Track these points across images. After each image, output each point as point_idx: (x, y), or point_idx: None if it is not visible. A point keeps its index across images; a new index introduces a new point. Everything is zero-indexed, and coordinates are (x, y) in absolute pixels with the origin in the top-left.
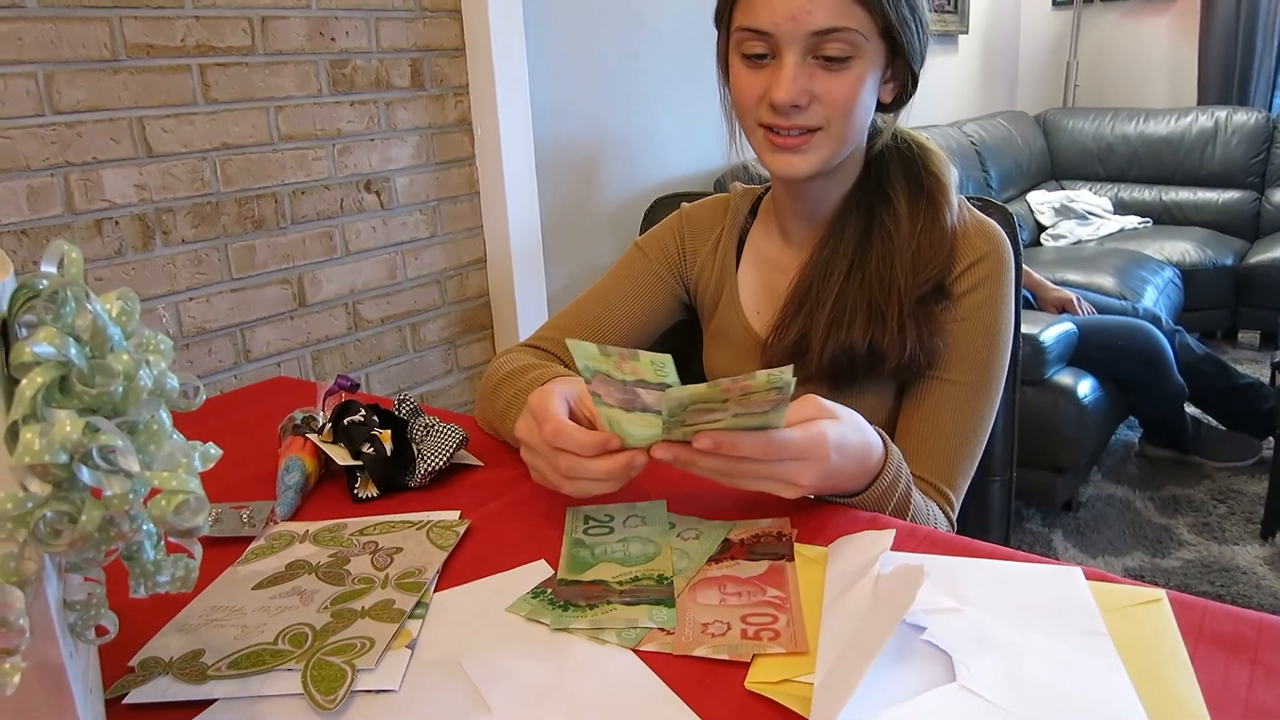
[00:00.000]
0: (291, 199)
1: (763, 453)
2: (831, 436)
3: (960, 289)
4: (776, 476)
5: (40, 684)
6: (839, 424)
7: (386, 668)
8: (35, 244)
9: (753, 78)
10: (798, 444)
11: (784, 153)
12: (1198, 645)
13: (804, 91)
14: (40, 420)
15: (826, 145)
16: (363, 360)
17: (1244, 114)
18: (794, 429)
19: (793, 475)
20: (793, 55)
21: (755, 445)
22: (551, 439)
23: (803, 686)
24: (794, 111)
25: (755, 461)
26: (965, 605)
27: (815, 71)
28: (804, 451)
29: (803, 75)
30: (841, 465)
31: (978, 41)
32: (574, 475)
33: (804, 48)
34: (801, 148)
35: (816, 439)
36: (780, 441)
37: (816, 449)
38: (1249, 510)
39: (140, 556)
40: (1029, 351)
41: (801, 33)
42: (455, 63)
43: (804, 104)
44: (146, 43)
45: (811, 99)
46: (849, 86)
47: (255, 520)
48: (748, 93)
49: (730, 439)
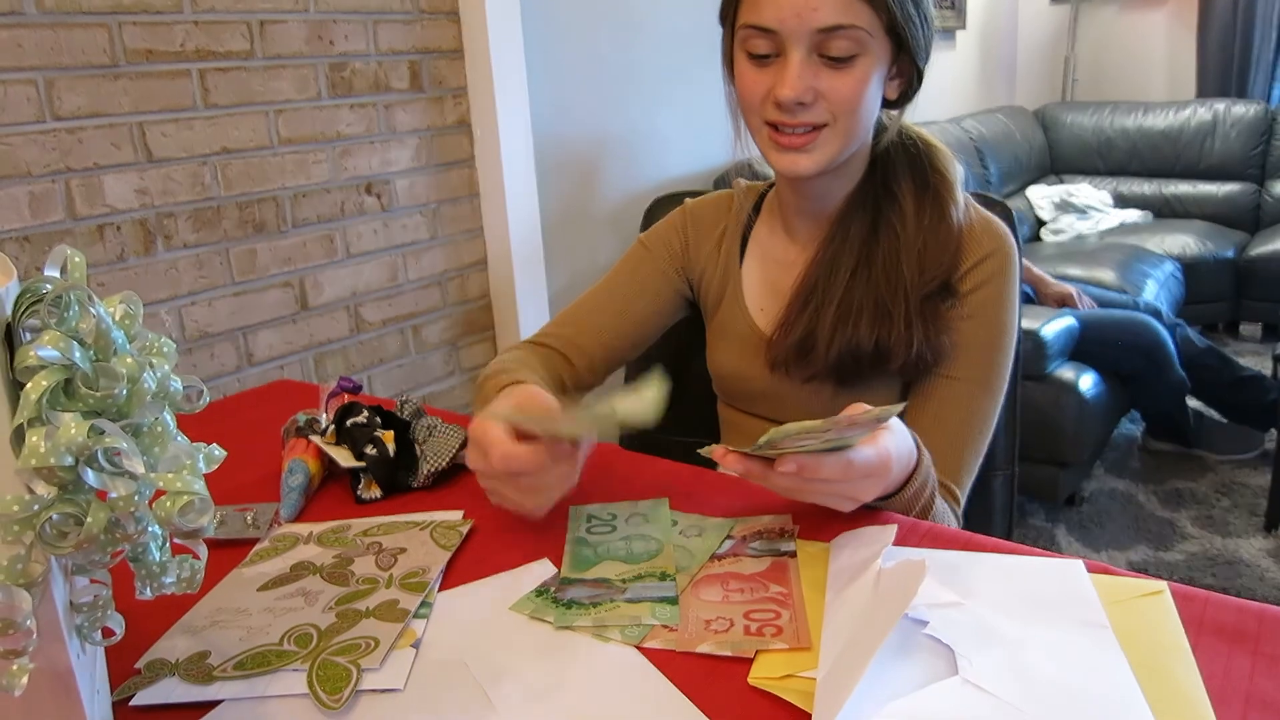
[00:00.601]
0: (292, 202)
1: (843, 475)
2: (893, 451)
3: (966, 286)
4: (846, 495)
5: (48, 685)
6: (893, 435)
7: (391, 667)
8: (37, 250)
9: (758, 76)
10: (870, 464)
11: (789, 151)
12: (1199, 637)
13: (809, 89)
14: (46, 423)
15: (832, 143)
16: (365, 362)
17: (1243, 106)
18: (867, 448)
19: (859, 493)
20: (798, 53)
21: (835, 469)
22: (502, 465)
23: (806, 682)
24: (799, 109)
25: (831, 482)
26: (967, 599)
27: (820, 69)
28: (874, 470)
29: (808, 73)
30: (896, 476)
31: (976, 37)
32: (538, 489)
33: (809, 45)
34: (807, 146)
35: (885, 457)
36: (859, 464)
37: (884, 467)
38: (1252, 503)
39: (146, 558)
40: (1030, 346)
41: (806, 30)
42: (454, 65)
43: (809, 101)
44: (146, 48)
45: (817, 96)
46: (854, 84)
47: (259, 522)
48: (753, 91)
49: (814, 462)
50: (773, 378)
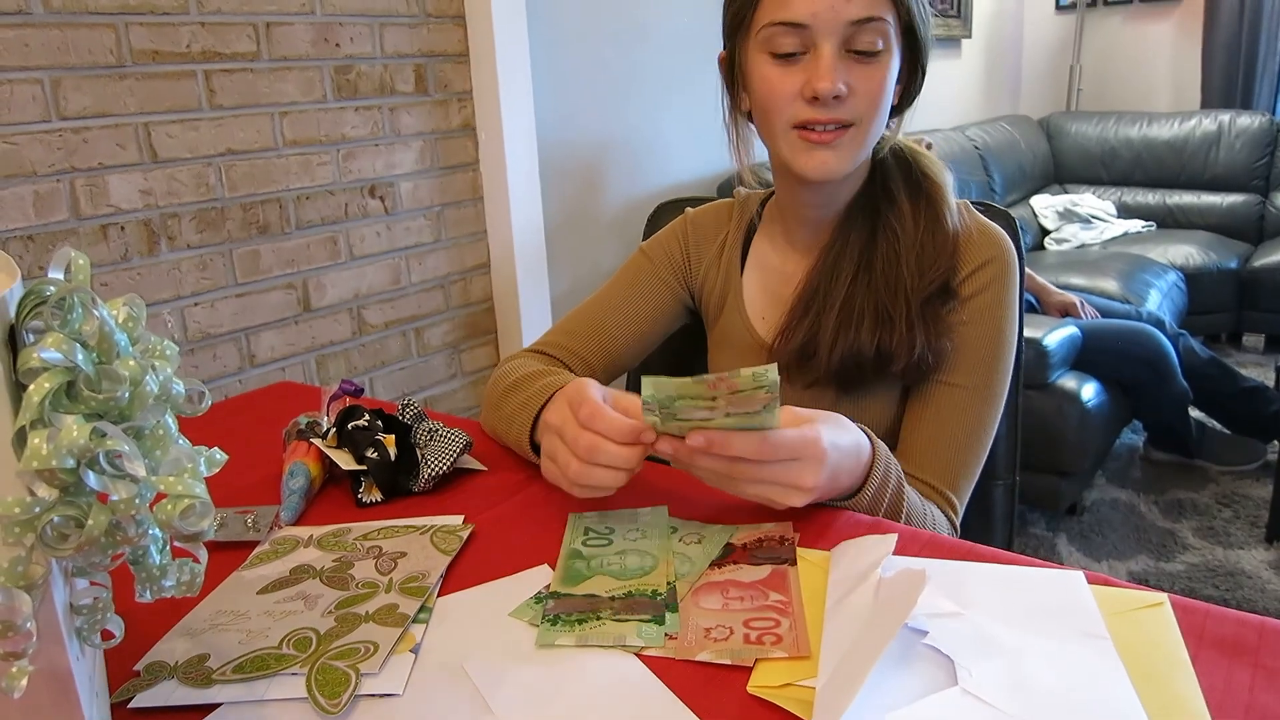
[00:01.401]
0: (296, 204)
1: (757, 452)
2: (825, 434)
3: (966, 292)
4: (779, 480)
5: (47, 688)
6: (826, 424)
7: (390, 672)
8: (41, 249)
9: (785, 75)
10: (792, 443)
11: (820, 149)
12: (1199, 649)
13: (844, 82)
14: (48, 425)
15: (858, 141)
16: (367, 365)
17: (1248, 117)
18: (788, 429)
19: (794, 477)
20: (830, 45)
21: (749, 445)
22: (586, 420)
23: (805, 691)
24: (835, 104)
25: (752, 463)
26: (967, 609)
27: (850, 64)
28: (800, 450)
29: (841, 66)
30: (840, 461)
31: (981, 46)
32: (593, 457)
33: (840, 38)
34: (835, 143)
35: (811, 436)
36: (775, 440)
37: (813, 446)
38: (1254, 514)
39: (146, 561)
40: (1033, 355)
41: (840, 22)
42: (459, 68)
43: (844, 95)
44: (152, 49)
45: (849, 91)
46: (881, 80)
47: (259, 525)
48: (780, 91)
49: (723, 437)
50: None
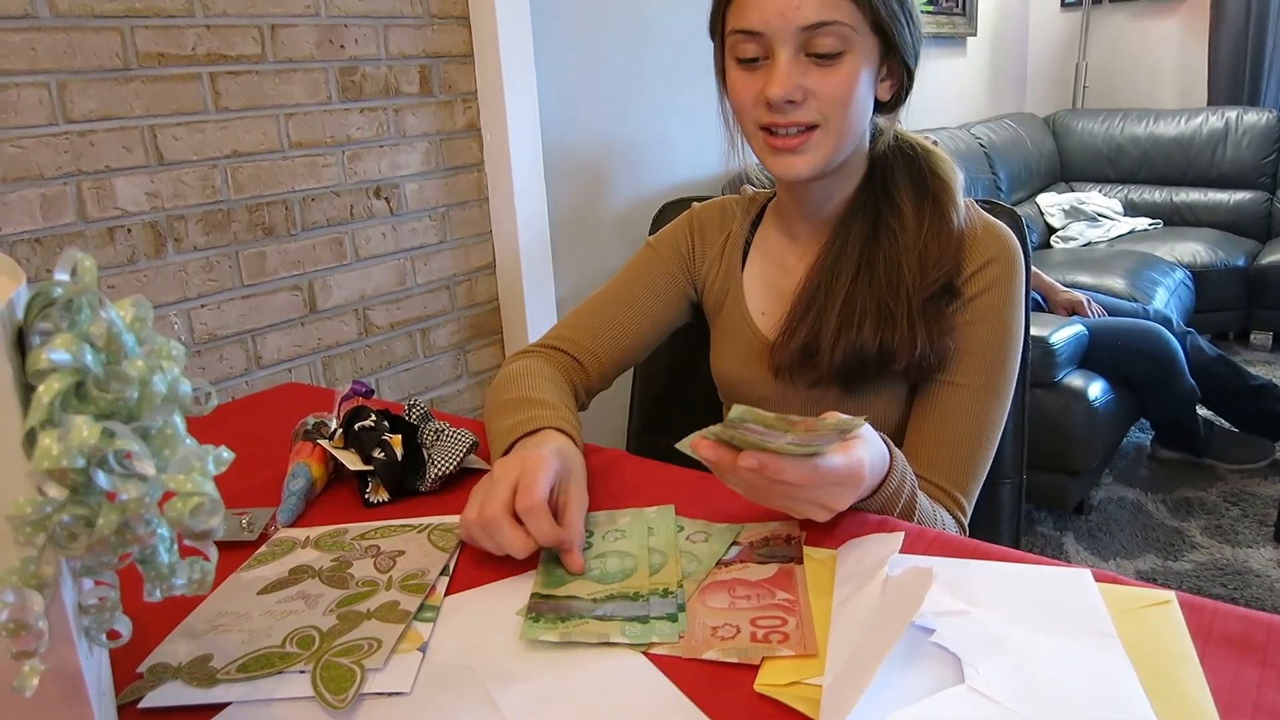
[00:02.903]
0: (302, 206)
1: (808, 480)
2: (866, 460)
3: (970, 291)
4: (815, 500)
5: (58, 686)
6: (866, 445)
7: (398, 670)
8: (48, 252)
9: (748, 80)
10: (839, 472)
11: (784, 154)
12: (1207, 647)
13: (798, 87)
14: (57, 425)
15: (826, 143)
16: (373, 366)
17: (1254, 114)
18: (836, 456)
19: (832, 500)
20: (785, 52)
21: (800, 473)
22: (523, 512)
23: (812, 689)
24: (789, 108)
25: (796, 486)
26: (974, 607)
27: (809, 68)
28: (845, 479)
29: (796, 71)
30: (870, 482)
31: (986, 43)
32: (491, 533)
33: (795, 44)
34: (800, 148)
35: (856, 466)
36: (825, 470)
37: (855, 476)
38: (1262, 513)
39: (155, 560)
40: (1039, 354)
41: (791, 29)
42: (464, 69)
43: (799, 99)
44: (158, 51)
45: (806, 95)
46: (843, 81)
47: (254, 526)
48: (744, 95)
49: (775, 462)
50: (777, 384)
